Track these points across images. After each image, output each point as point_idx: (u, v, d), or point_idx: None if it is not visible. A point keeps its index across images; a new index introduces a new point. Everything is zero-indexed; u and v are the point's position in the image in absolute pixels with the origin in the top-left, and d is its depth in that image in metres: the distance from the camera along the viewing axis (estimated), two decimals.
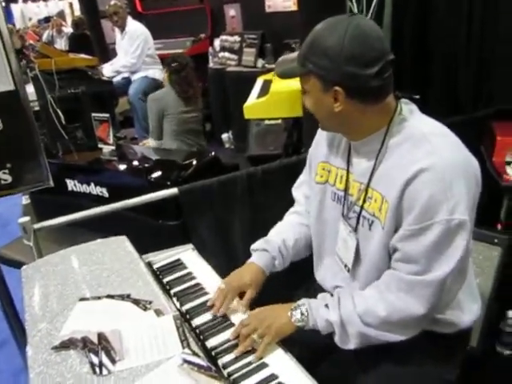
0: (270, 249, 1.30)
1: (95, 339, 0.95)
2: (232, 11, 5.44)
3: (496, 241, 1.72)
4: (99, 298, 1.11)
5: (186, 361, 0.89)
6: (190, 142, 3.06)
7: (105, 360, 0.89)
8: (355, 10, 2.84)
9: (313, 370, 1.01)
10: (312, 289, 1.35)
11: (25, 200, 2.98)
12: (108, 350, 0.92)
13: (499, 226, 2.07)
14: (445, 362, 1.13)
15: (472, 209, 0.98)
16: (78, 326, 1.01)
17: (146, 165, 2.34)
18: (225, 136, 4.72)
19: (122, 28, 4.30)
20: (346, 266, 1.19)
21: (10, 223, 3.51)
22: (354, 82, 0.98)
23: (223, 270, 1.34)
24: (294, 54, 1.11)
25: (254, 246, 1.34)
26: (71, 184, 2.31)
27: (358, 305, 1.05)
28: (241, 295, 1.23)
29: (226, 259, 1.74)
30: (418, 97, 1.13)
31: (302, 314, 1.09)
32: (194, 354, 0.91)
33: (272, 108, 2.85)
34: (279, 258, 1.30)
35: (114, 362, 0.89)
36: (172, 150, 2.86)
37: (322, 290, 1.29)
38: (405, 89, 1.22)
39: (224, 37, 4.93)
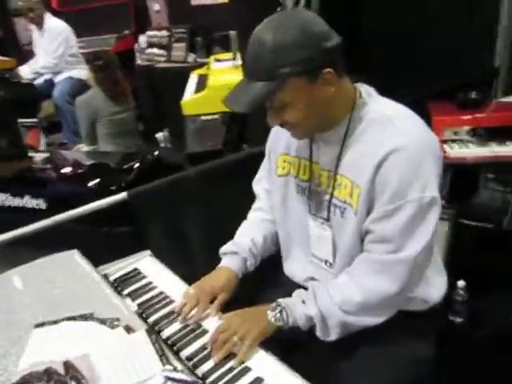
0: (241, 251, 1.26)
1: (61, 369, 0.85)
2: (156, 5, 5.26)
3: (444, 216, 1.79)
4: (57, 321, 1.00)
5: (169, 378, 0.82)
6: (126, 144, 2.92)
7: None
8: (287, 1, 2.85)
9: (293, 365, 0.98)
10: (278, 282, 1.33)
11: None
12: (78, 379, 0.83)
13: (443, 202, 2.16)
14: (420, 340, 1.15)
15: (439, 182, 1.00)
16: (39, 356, 0.90)
17: (85, 171, 2.19)
18: (159, 135, 4.58)
19: (40, 25, 4.00)
20: (326, 261, 1.16)
21: None
22: (334, 55, 0.97)
23: (183, 274, 1.29)
24: (240, 84, 1.03)
25: (223, 250, 1.29)
26: (1, 198, 2.10)
27: (335, 295, 1.05)
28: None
29: (183, 262, 1.67)
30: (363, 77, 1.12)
31: (280, 313, 1.06)
32: (176, 369, 0.84)
33: (211, 103, 2.78)
34: (250, 258, 1.27)
35: None
36: (110, 152, 2.71)
37: (290, 282, 1.28)
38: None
39: (151, 32, 4.78)
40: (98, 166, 2.28)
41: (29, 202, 2.05)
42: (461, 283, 1.95)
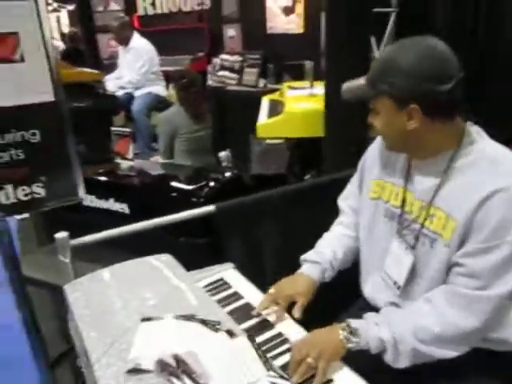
0: (322, 261, 1.31)
1: (172, 362, 0.91)
2: (231, 31, 5.50)
3: None
4: (162, 318, 1.07)
5: (273, 383, 0.85)
6: (201, 161, 3.03)
7: (188, 382, 0.85)
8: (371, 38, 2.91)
9: None
10: (358, 305, 1.37)
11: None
12: (190, 373, 0.88)
13: None
14: (499, 381, 1.12)
15: None
16: (148, 347, 0.96)
17: (171, 181, 2.30)
18: (222, 154, 4.70)
19: (126, 44, 4.28)
20: (395, 283, 1.19)
21: None
22: (430, 98, 1.01)
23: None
24: (358, 81, 1.14)
25: (304, 257, 1.35)
26: (87, 199, 2.24)
27: (410, 321, 1.06)
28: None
29: (258, 277, 1.71)
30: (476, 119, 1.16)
31: (352, 335, 1.07)
32: (281, 377, 0.88)
33: (286, 127, 2.87)
34: (329, 269, 1.32)
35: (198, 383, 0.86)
36: (188, 166, 2.83)
37: (368, 305, 1.30)
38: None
39: (224, 56, 4.97)
40: (188, 178, 2.39)
41: (113, 205, 2.18)
42: None
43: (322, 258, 1.32)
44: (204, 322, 1.04)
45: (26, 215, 2.93)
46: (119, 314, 1.13)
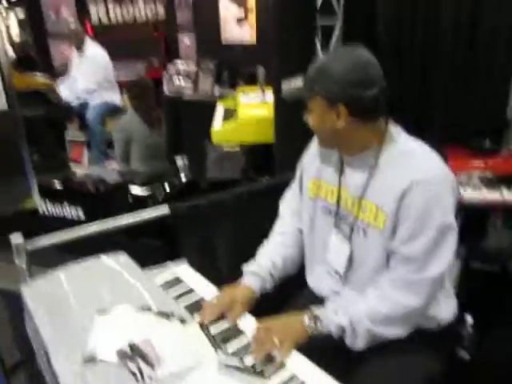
0: (262, 273, 1.37)
1: (127, 349, 0.98)
2: (186, 39, 5.58)
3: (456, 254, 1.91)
4: (117, 310, 1.13)
5: (222, 363, 0.94)
6: (156, 166, 3.08)
7: (143, 367, 0.93)
8: (318, 48, 3.07)
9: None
10: (302, 295, 1.47)
11: None
12: (144, 356, 0.95)
13: None
14: (430, 355, 1.27)
15: (454, 212, 1.16)
16: (105, 338, 1.03)
17: (126, 186, 2.34)
18: (179, 161, 4.76)
19: (81, 50, 4.27)
20: (336, 272, 1.31)
21: None
22: (355, 101, 1.14)
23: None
24: (296, 81, 1.27)
25: (246, 268, 1.40)
26: (42, 206, 2.25)
27: (364, 307, 1.17)
28: None
29: (211, 272, 1.78)
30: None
31: (315, 322, 1.17)
32: (228, 356, 0.97)
33: (240, 133, 2.98)
34: (270, 280, 1.38)
35: (152, 367, 0.93)
36: (143, 172, 2.88)
37: (312, 295, 1.41)
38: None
39: (179, 62, 5.02)
40: (143, 182, 2.43)
41: (68, 211, 2.20)
42: (468, 319, 2.04)
43: (261, 269, 1.38)
44: (158, 313, 1.11)
45: None
46: (76, 312, 1.17)
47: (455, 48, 2.71)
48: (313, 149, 1.40)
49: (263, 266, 1.39)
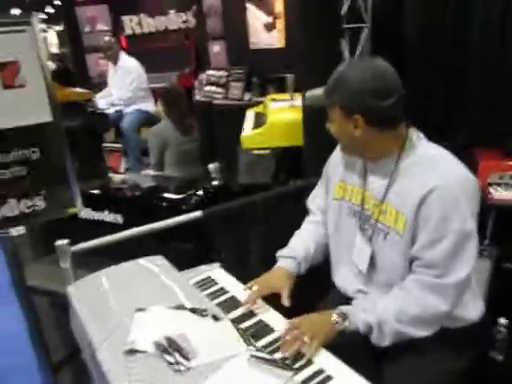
0: (297, 256, 1.46)
1: (165, 343, 1.05)
2: (217, 47, 5.70)
3: (486, 253, 1.91)
4: (155, 308, 1.21)
5: (253, 356, 1.00)
6: (190, 171, 3.19)
7: (179, 358, 1.00)
8: (345, 52, 3.11)
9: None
10: (331, 295, 1.52)
11: (16, 231, 3.00)
12: (179, 349, 1.02)
13: (486, 241, 2.28)
14: (456, 354, 1.28)
15: (476, 219, 1.18)
16: (144, 332, 1.11)
17: (160, 191, 2.45)
18: (211, 166, 4.86)
19: (115, 62, 4.45)
20: (360, 271, 1.36)
21: None
22: (372, 111, 1.18)
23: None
24: (318, 90, 1.32)
25: (280, 253, 1.49)
26: (83, 212, 2.38)
27: (391, 306, 1.21)
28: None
29: (244, 273, 1.85)
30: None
31: (344, 319, 1.21)
32: (259, 350, 1.03)
33: (269, 138, 3.04)
34: (303, 262, 1.47)
35: (188, 359, 1.00)
36: (178, 177, 2.99)
37: (339, 295, 1.46)
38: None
39: (210, 71, 5.15)
40: (177, 188, 2.53)
41: (108, 216, 2.32)
42: (502, 321, 2.03)
43: (295, 252, 1.47)
44: (192, 310, 1.18)
45: (22, 231, 3.07)
46: (116, 310, 1.26)
47: (486, 49, 2.69)
48: (338, 152, 1.45)
49: (298, 251, 1.47)
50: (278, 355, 1.10)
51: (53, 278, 2.10)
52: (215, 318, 1.15)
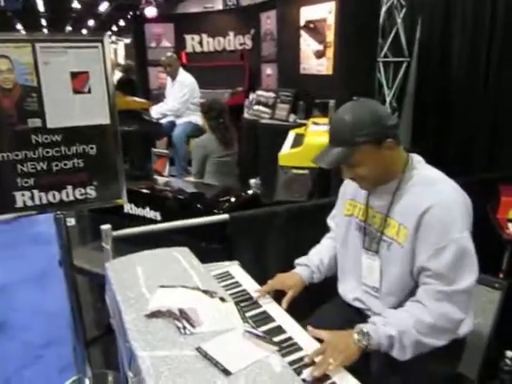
0: (311, 265, 1.65)
1: (177, 312, 1.26)
2: (269, 70, 5.99)
3: (497, 285, 1.99)
4: (175, 286, 1.42)
5: (247, 331, 1.19)
6: (227, 182, 3.43)
7: (186, 324, 1.20)
8: (383, 81, 3.29)
9: None
10: (335, 300, 1.67)
11: (69, 223, 3.35)
12: (188, 318, 1.23)
13: (501, 274, 2.35)
14: (444, 362, 1.40)
15: (470, 232, 1.32)
16: (162, 303, 1.32)
17: (197, 194, 2.70)
18: (252, 181, 5.10)
19: (174, 77, 4.82)
20: (374, 287, 1.49)
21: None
22: (392, 131, 1.36)
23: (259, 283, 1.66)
24: (328, 150, 1.38)
25: (297, 261, 1.70)
26: (127, 207, 2.66)
27: (408, 318, 1.29)
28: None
29: (261, 275, 2.03)
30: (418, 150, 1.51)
31: (364, 336, 1.27)
32: (253, 327, 1.22)
33: (305, 158, 3.24)
34: (317, 273, 1.66)
35: (193, 326, 1.20)
36: (215, 185, 3.24)
37: (342, 301, 1.62)
38: (422, 145, 1.59)
39: (260, 92, 5.43)
40: (212, 193, 2.77)
41: (148, 213, 2.59)
42: (509, 353, 2.08)
43: (311, 262, 1.67)
44: (204, 291, 1.39)
45: (73, 222, 3.42)
46: (142, 284, 1.49)
47: None
48: None
49: (313, 260, 1.67)
50: (306, 374, 1.13)
51: (94, 261, 2.38)
52: (222, 299, 1.35)
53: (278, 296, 1.58)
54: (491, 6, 2.95)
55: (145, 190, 2.70)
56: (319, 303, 1.73)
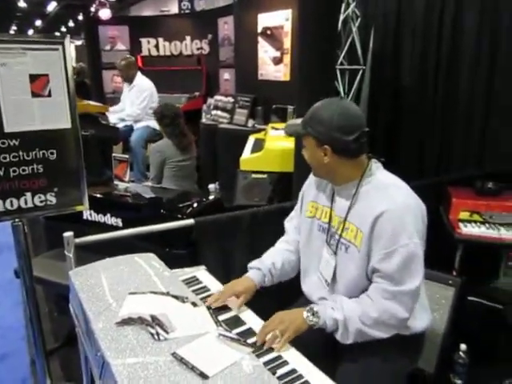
0: (263, 268, 1.66)
1: (149, 318, 1.25)
2: (226, 75, 6.02)
3: (450, 282, 2.09)
4: (144, 293, 1.41)
5: (221, 334, 1.20)
6: (185, 186, 3.42)
7: (160, 330, 1.20)
8: (340, 89, 3.40)
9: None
10: (300, 300, 1.70)
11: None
12: (161, 324, 1.22)
13: (454, 272, 2.48)
14: (403, 357, 1.49)
15: (422, 237, 1.39)
16: (132, 310, 1.31)
17: (159, 200, 2.66)
18: (211, 186, 5.09)
19: (130, 81, 4.74)
20: (326, 280, 1.56)
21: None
22: (338, 143, 1.41)
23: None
24: (298, 120, 1.54)
25: (250, 264, 1.70)
26: (87, 213, 2.59)
27: (356, 308, 1.39)
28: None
29: (226, 276, 2.04)
30: (383, 160, 1.57)
31: (313, 315, 1.39)
32: (227, 330, 1.23)
33: (265, 163, 3.28)
34: (268, 276, 1.67)
35: (167, 332, 1.20)
36: (176, 190, 3.21)
37: (306, 300, 1.65)
38: (378, 152, 1.66)
39: (218, 97, 5.44)
40: (175, 198, 2.73)
41: (109, 219, 2.53)
42: (463, 346, 2.19)
43: (262, 265, 1.67)
44: (175, 297, 1.38)
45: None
46: (111, 293, 1.46)
47: (473, 104, 2.97)
48: (312, 177, 1.68)
49: (265, 264, 1.67)
50: (250, 341, 1.24)
51: (51, 270, 2.30)
52: (194, 304, 1.35)
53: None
54: (439, 15, 3.12)
55: (104, 196, 2.64)
56: (287, 304, 1.76)
